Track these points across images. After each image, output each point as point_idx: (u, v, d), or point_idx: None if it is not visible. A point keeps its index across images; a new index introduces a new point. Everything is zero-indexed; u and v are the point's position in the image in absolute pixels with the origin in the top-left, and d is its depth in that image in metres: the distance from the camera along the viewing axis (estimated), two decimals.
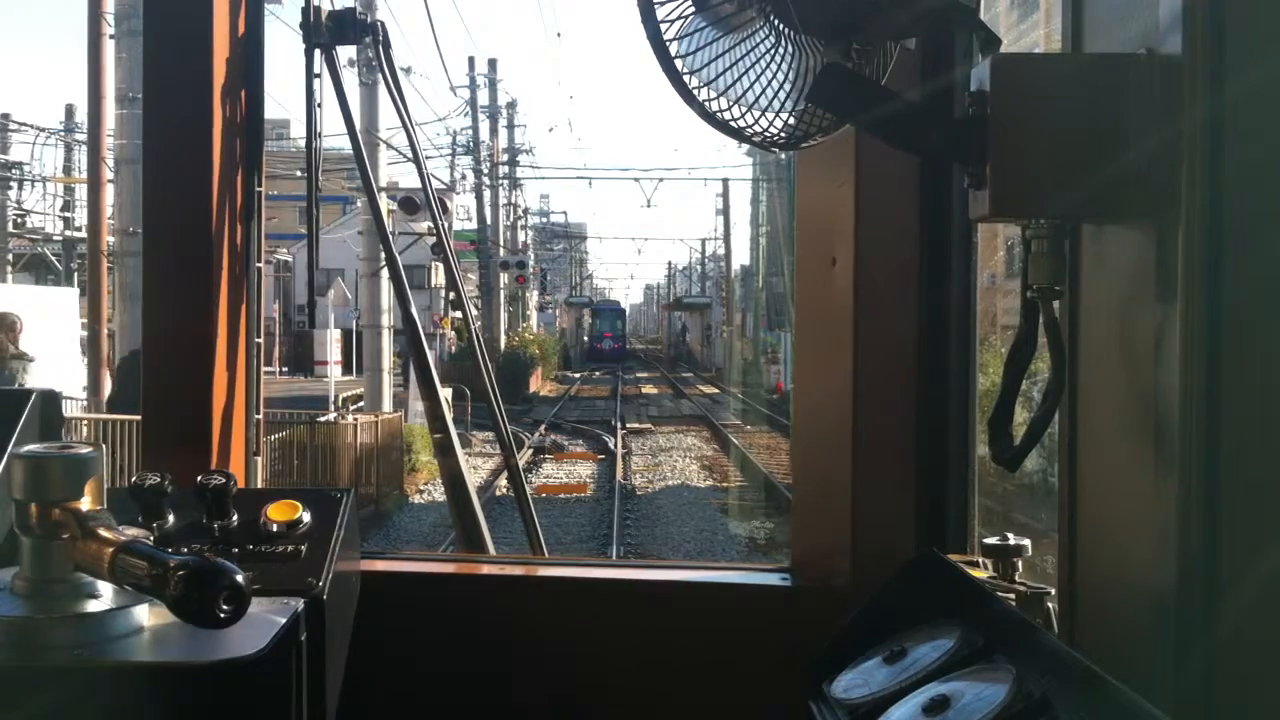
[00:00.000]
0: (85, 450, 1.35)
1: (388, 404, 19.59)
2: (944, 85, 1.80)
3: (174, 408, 2.17)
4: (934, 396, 1.97)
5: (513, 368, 32.69)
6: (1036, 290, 1.32)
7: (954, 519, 1.99)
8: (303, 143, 2.59)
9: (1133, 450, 1.25)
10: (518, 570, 2.26)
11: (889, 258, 1.95)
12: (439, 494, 15.68)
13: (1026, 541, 1.60)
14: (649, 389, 41.86)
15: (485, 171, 38.18)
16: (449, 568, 2.41)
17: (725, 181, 55.02)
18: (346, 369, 27.16)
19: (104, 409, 14.60)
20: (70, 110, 35.48)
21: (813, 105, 1.39)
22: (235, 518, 1.68)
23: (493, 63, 39.93)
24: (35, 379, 11.44)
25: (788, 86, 1.38)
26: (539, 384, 38.32)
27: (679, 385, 42.20)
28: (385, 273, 17.54)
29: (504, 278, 38.72)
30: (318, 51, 2.46)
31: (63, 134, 33.64)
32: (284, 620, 1.43)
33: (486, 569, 2.31)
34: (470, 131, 37.02)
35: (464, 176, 37.11)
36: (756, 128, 1.39)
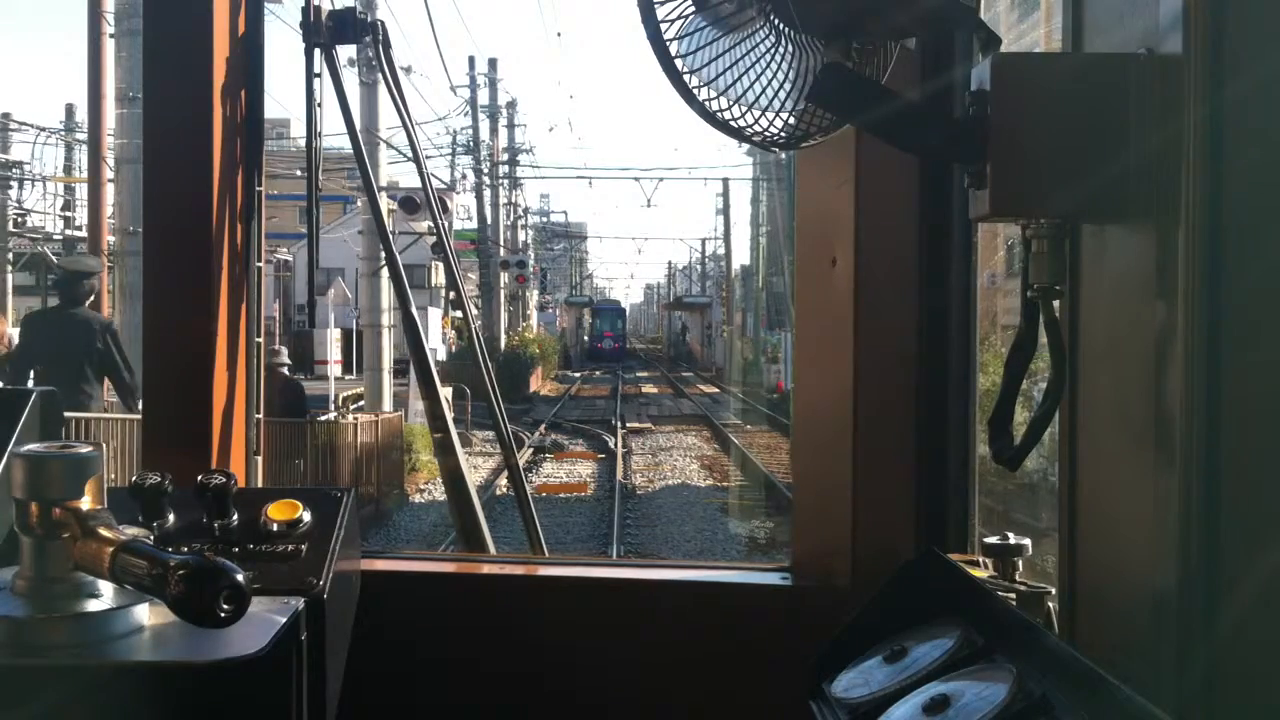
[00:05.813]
0: (85, 450, 1.35)
1: (388, 403, 19.58)
2: (944, 85, 1.80)
3: (174, 408, 2.17)
4: (934, 396, 1.97)
5: (513, 367, 32.67)
6: (1036, 290, 1.32)
7: (954, 519, 1.99)
8: (303, 143, 2.59)
9: (1133, 450, 1.25)
10: (518, 570, 2.26)
11: (889, 258, 1.95)
12: (439, 493, 15.67)
13: (1026, 541, 1.60)
14: (649, 388, 41.83)
15: (485, 171, 38.17)
16: (449, 567, 2.41)
17: (725, 181, 55.11)
18: (347, 368, 27.14)
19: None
20: (70, 110, 35.46)
21: (813, 105, 1.39)
22: (235, 517, 1.68)
23: (493, 62, 39.95)
24: None
25: (788, 86, 1.38)
26: (539, 383, 38.31)
27: (679, 385, 42.17)
28: (385, 272, 17.53)
29: (504, 277, 38.70)
30: (318, 51, 2.45)
31: (63, 134, 33.64)
32: (284, 620, 1.43)
33: (486, 569, 2.31)
34: (470, 131, 37.05)
35: (464, 176, 37.14)
36: (756, 127, 1.39)
